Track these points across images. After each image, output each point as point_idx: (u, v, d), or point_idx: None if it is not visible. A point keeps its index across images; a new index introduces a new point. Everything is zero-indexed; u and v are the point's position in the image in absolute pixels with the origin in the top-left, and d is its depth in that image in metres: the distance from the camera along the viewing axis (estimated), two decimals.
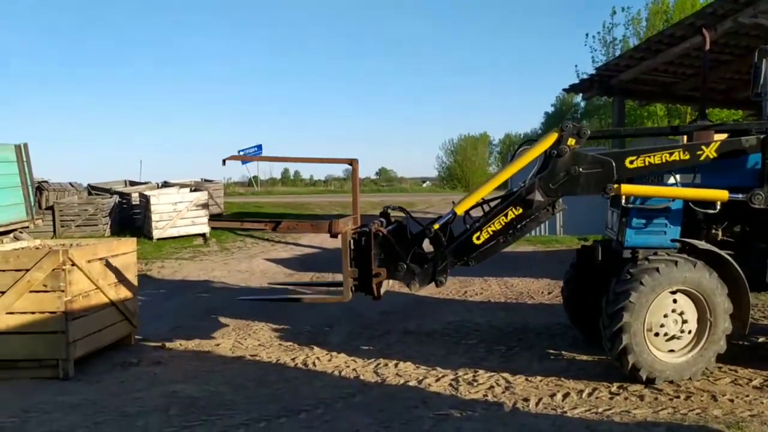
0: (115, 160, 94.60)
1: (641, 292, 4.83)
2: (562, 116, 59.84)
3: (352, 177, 6.07)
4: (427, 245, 5.41)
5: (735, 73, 13.39)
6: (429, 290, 6.35)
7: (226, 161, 6.08)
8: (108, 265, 6.14)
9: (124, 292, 6.34)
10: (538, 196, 5.23)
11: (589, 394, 4.87)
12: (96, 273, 5.91)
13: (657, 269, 4.85)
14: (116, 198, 18.39)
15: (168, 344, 6.66)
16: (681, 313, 4.96)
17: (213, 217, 10.32)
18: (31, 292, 5.43)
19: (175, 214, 16.65)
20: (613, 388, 4.96)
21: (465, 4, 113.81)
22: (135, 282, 6.67)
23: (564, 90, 15.81)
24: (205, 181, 21.73)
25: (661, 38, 12.01)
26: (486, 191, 5.50)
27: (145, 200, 16.94)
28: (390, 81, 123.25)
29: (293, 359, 6.05)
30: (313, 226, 5.95)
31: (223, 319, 7.84)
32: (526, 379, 5.26)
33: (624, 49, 25.11)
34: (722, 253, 5.04)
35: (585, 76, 16.14)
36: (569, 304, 6.41)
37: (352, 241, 5.35)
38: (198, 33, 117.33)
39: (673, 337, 4.98)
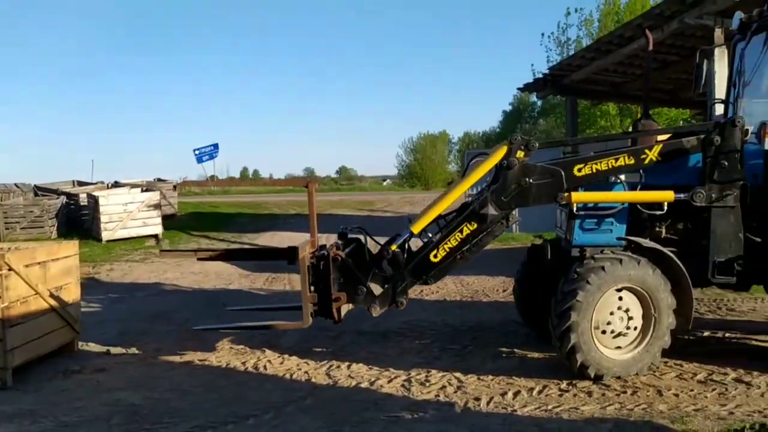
0: (68, 161, 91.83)
1: (588, 291, 4.89)
2: (520, 115, 60.93)
3: (309, 199, 5.91)
4: (386, 266, 5.34)
5: (682, 73, 13.75)
6: None
7: (177, 187, 5.93)
8: (48, 269, 5.90)
9: (65, 298, 6.11)
10: (491, 210, 5.25)
11: (540, 392, 4.91)
12: (35, 278, 5.67)
13: (603, 267, 4.92)
14: (63, 199, 17.80)
15: (113, 350, 6.44)
16: (627, 310, 5.05)
17: (164, 250, 10.36)
18: None
19: (126, 215, 16.24)
20: (563, 386, 5.01)
21: (422, 2, 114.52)
22: (78, 286, 6.43)
23: (518, 89, 16.06)
24: (159, 180, 21.22)
25: (611, 39, 12.27)
26: (441, 208, 5.48)
27: (94, 201, 16.46)
28: (350, 79, 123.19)
29: (244, 363, 5.93)
30: (268, 252, 5.80)
31: (172, 323, 7.64)
32: (478, 378, 5.28)
33: (577, 49, 25.51)
34: (665, 250, 5.14)
35: (539, 76, 16.37)
36: (521, 303, 6.48)
37: (310, 266, 5.25)
38: (157, 29, 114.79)
39: (619, 334, 5.06)
